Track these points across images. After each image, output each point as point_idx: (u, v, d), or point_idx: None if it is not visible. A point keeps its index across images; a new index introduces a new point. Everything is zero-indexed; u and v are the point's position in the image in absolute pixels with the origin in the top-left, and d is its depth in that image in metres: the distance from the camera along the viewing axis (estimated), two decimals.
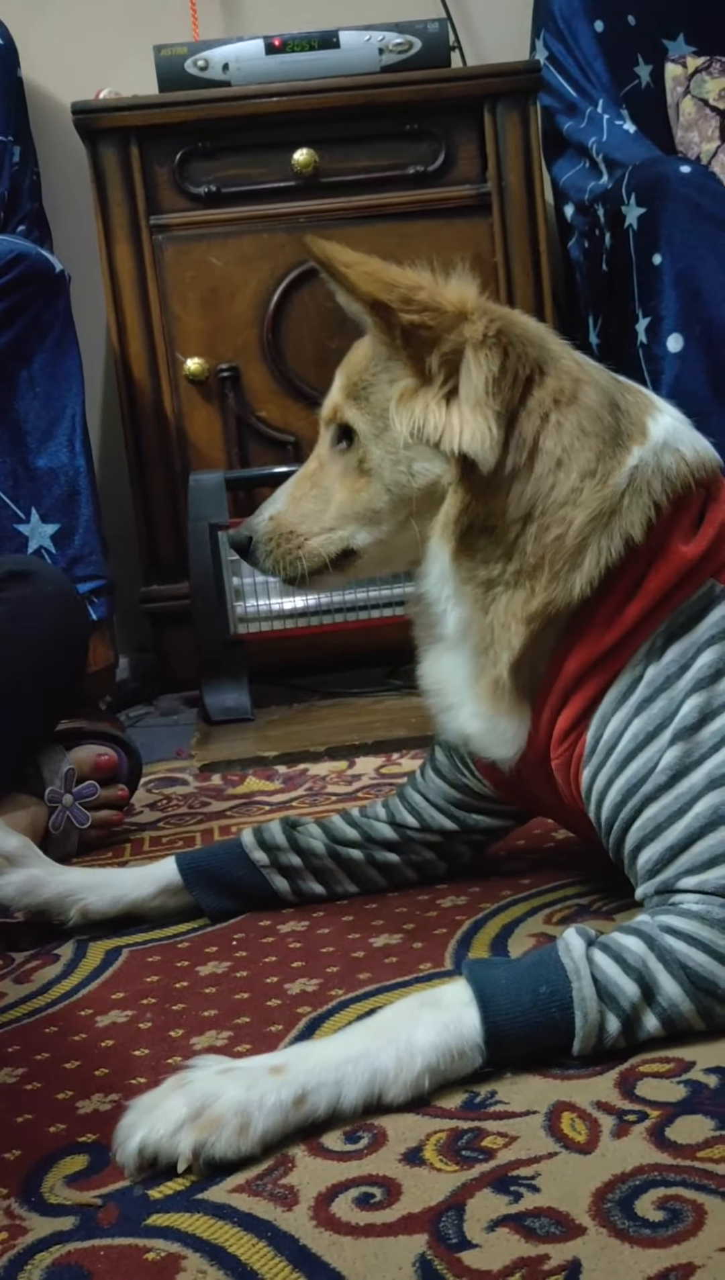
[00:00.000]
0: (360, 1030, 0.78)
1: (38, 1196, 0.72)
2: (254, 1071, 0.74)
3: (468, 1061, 0.77)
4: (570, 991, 0.77)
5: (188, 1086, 0.73)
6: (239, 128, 2.08)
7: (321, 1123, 0.74)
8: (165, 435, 2.13)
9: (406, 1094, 0.75)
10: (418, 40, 2.12)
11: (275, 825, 1.11)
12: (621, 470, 0.89)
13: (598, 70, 2.35)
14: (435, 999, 0.78)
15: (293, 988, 0.95)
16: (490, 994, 0.78)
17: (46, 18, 2.41)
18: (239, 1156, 0.71)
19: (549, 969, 0.79)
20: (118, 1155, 0.72)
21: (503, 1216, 0.65)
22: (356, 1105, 0.74)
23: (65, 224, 2.32)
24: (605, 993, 0.78)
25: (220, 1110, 0.71)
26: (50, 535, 1.83)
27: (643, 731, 0.87)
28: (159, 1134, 0.71)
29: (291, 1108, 0.73)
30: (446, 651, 0.96)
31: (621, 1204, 0.65)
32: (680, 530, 0.90)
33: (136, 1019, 0.93)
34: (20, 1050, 0.90)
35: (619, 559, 0.88)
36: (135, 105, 2.07)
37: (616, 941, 0.81)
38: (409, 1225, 0.65)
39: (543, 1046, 0.78)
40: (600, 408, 0.90)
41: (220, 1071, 0.74)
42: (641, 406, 0.93)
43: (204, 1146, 0.70)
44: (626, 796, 0.87)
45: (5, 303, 1.75)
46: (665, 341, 2.01)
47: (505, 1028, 0.77)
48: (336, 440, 0.97)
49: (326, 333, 2.12)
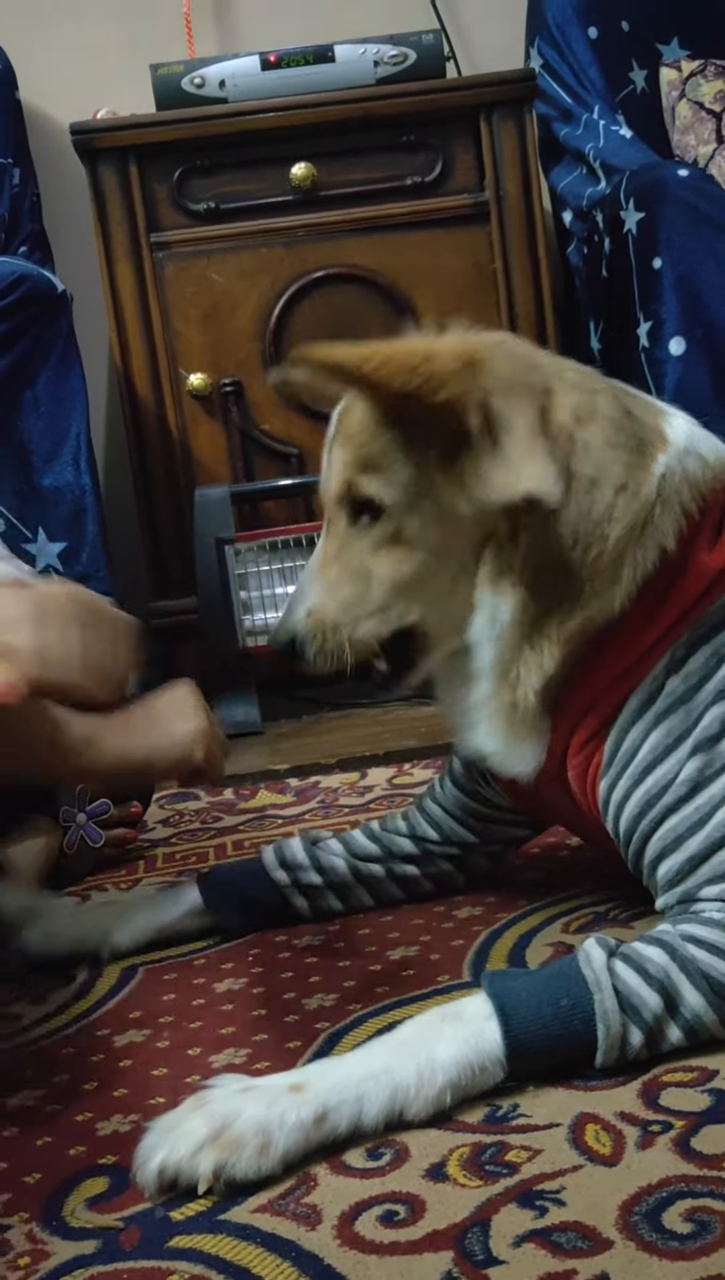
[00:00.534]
0: (380, 1046, 0.77)
1: (59, 1220, 0.71)
2: (274, 1090, 0.74)
3: (489, 1076, 0.76)
4: (592, 1004, 0.77)
5: (207, 1106, 0.72)
6: (237, 144, 2.09)
7: (342, 1141, 0.73)
8: (169, 451, 2.13)
9: (428, 1110, 0.74)
10: (412, 52, 2.12)
11: (296, 843, 1.11)
12: (651, 480, 0.87)
13: (592, 76, 2.36)
14: (455, 1012, 0.78)
15: (310, 1003, 0.94)
16: (511, 1007, 0.77)
17: (43, 40, 2.42)
18: (260, 1177, 0.70)
19: (570, 980, 0.78)
20: (138, 1176, 0.71)
21: (529, 1232, 0.64)
22: (378, 1123, 0.74)
23: (66, 244, 2.33)
24: (628, 1004, 0.77)
25: (241, 1130, 0.71)
26: (57, 554, 1.84)
27: (661, 744, 0.87)
28: (179, 1155, 0.70)
29: (312, 1126, 0.72)
30: (467, 673, 0.94)
31: (648, 1216, 0.64)
32: (703, 539, 0.89)
33: (154, 1038, 0.93)
34: (39, 1072, 0.90)
35: (653, 570, 0.87)
36: (133, 124, 2.08)
37: (638, 952, 0.80)
38: (434, 1243, 0.64)
39: (564, 1059, 0.77)
40: (619, 416, 0.89)
41: (240, 1090, 0.74)
42: (651, 411, 0.92)
43: (225, 1167, 0.70)
44: (645, 808, 0.87)
45: (8, 324, 1.75)
46: (667, 345, 2.01)
47: (527, 1041, 0.76)
48: (355, 516, 0.91)
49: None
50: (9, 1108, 0.85)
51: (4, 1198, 0.74)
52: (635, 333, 2.07)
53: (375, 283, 2.12)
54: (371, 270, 2.12)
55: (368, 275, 2.12)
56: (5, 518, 1.81)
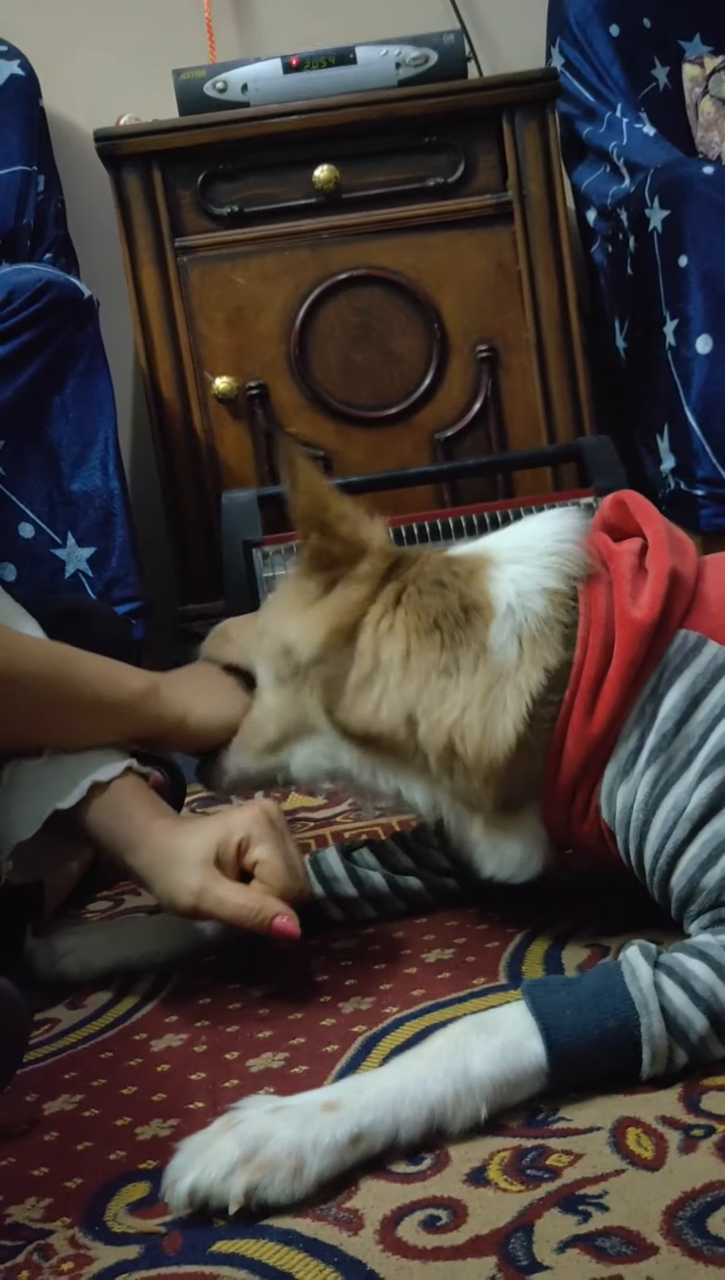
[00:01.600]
0: (415, 1060, 0.75)
1: (101, 1225, 0.71)
2: (306, 1109, 0.72)
3: (526, 1091, 0.75)
4: (638, 1026, 0.75)
5: (239, 1127, 0.71)
6: (259, 147, 2.09)
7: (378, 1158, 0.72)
8: (196, 454, 2.14)
9: (465, 1126, 0.73)
10: (434, 53, 2.12)
11: (332, 855, 1.10)
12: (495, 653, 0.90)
13: (615, 74, 2.35)
14: (493, 1025, 0.76)
15: (346, 1006, 0.94)
16: (555, 1026, 0.75)
17: (65, 48, 2.43)
18: (293, 1200, 0.69)
19: (616, 998, 0.76)
20: (167, 1197, 0.70)
21: (572, 1237, 0.64)
22: (414, 1141, 0.72)
23: (91, 250, 2.34)
24: (674, 1025, 0.76)
25: (273, 1151, 0.69)
26: (86, 559, 1.84)
27: (650, 797, 0.87)
28: (211, 1177, 0.69)
29: (347, 1147, 0.71)
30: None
31: (693, 1222, 0.64)
32: (622, 597, 0.89)
33: (191, 1042, 0.93)
34: (77, 1077, 0.90)
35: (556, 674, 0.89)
36: (156, 130, 2.09)
37: (683, 966, 0.78)
38: (477, 1248, 0.64)
39: (605, 1075, 0.76)
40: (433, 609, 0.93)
41: (271, 1110, 0.72)
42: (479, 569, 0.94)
43: (257, 1190, 0.68)
44: (656, 857, 0.87)
45: (36, 330, 1.76)
46: (694, 343, 2.00)
47: (570, 1060, 0.75)
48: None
49: (352, 346, 2.13)
50: (48, 1112, 0.86)
51: (46, 1203, 0.75)
52: (661, 331, 2.06)
53: (399, 284, 2.12)
54: (395, 271, 2.12)
55: (392, 277, 2.12)
56: (35, 523, 1.82)
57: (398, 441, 2.15)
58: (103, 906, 1.26)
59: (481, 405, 2.15)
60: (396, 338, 2.14)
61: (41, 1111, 0.86)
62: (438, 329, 2.13)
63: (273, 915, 0.91)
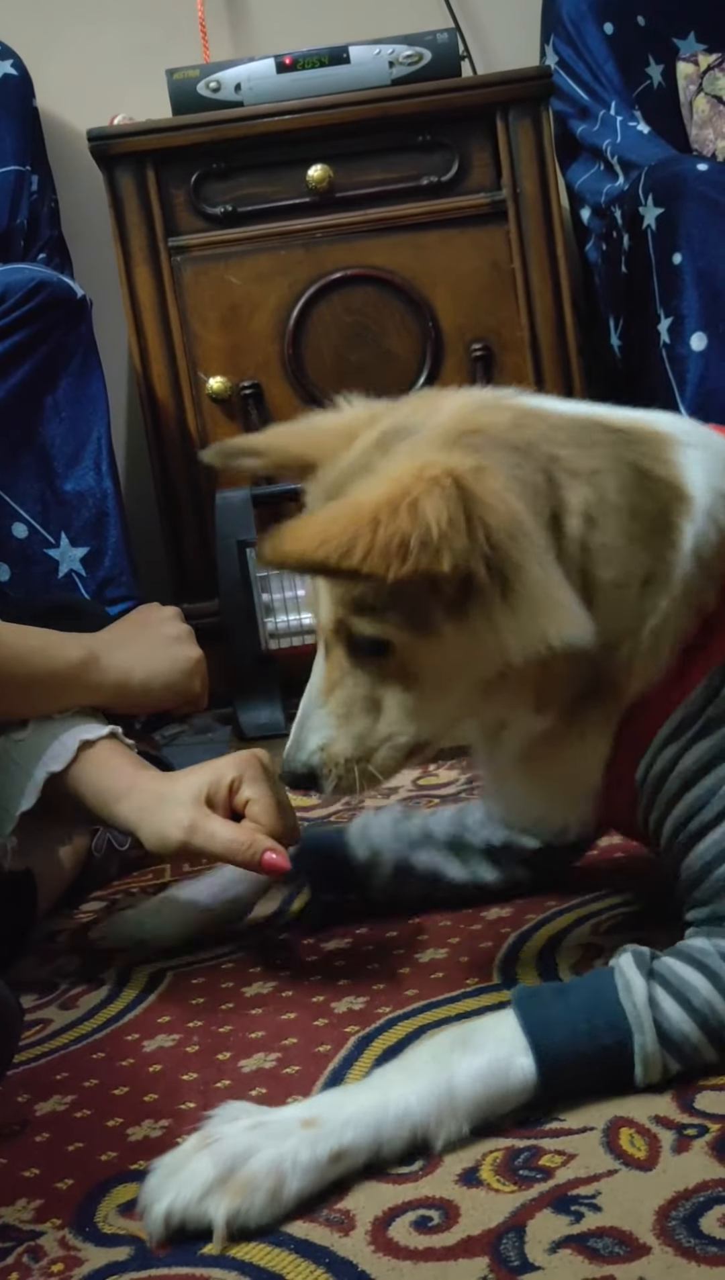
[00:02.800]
0: (397, 1075, 0.74)
1: (92, 1226, 0.71)
2: (285, 1125, 0.70)
3: (513, 1105, 0.74)
4: (632, 1042, 0.74)
5: (215, 1145, 0.69)
6: (253, 147, 2.09)
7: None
8: (190, 454, 2.13)
9: (448, 1142, 0.72)
10: (427, 51, 2.11)
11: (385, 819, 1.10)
12: (681, 558, 0.81)
13: (609, 72, 2.35)
14: (480, 1039, 0.75)
15: (339, 1006, 0.94)
16: (546, 1042, 0.74)
17: (59, 47, 2.43)
18: (274, 1221, 0.67)
19: (609, 1013, 0.74)
20: (143, 1221, 0.68)
21: (564, 1237, 0.64)
22: (397, 1156, 0.71)
23: (85, 249, 2.33)
24: (668, 1040, 0.75)
25: (252, 1171, 0.67)
26: (80, 558, 1.84)
27: (691, 769, 0.83)
28: (186, 1199, 0.67)
29: (328, 1165, 0.69)
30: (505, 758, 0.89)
31: (686, 1222, 0.63)
32: None
33: (184, 1042, 0.93)
34: (69, 1077, 0.90)
35: (696, 631, 0.82)
36: (150, 130, 2.08)
37: (679, 977, 0.76)
38: (469, 1248, 0.64)
39: (596, 1087, 0.75)
40: (632, 494, 0.80)
41: (248, 1127, 0.70)
42: (662, 458, 0.83)
43: (237, 1214, 0.66)
44: (677, 831, 0.84)
45: (29, 330, 1.76)
46: (689, 341, 2.00)
47: (560, 1075, 0.74)
48: (355, 648, 0.84)
49: (346, 345, 2.12)
50: (40, 1113, 0.85)
51: (36, 1204, 0.74)
52: (656, 329, 2.06)
53: (393, 283, 2.12)
54: (389, 270, 2.12)
55: (386, 276, 2.12)
56: (28, 523, 1.81)
57: None
58: (96, 907, 1.25)
59: None
60: (391, 337, 2.14)
61: (33, 1112, 0.86)
62: (432, 328, 2.13)
63: (263, 850, 0.93)
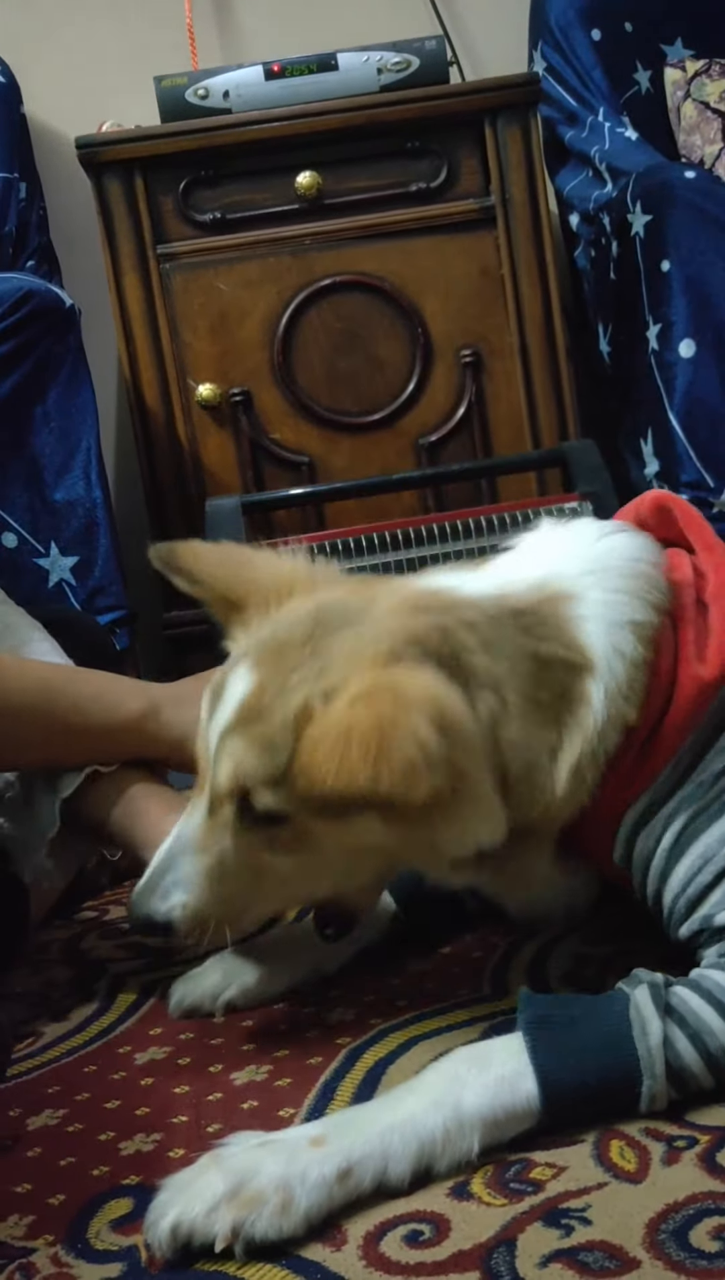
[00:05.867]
0: (406, 1094, 0.74)
1: (84, 1242, 0.71)
2: (293, 1144, 0.71)
3: (517, 1129, 0.74)
4: (641, 1087, 0.74)
5: (224, 1162, 0.69)
6: (241, 154, 2.09)
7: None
8: (180, 462, 2.13)
9: (456, 1164, 0.72)
10: (416, 58, 2.12)
11: None
12: (589, 714, 0.82)
13: (597, 79, 2.35)
14: (484, 1062, 0.74)
15: (331, 1018, 0.94)
16: (554, 1076, 0.73)
17: (47, 54, 2.43)
18: (281, 1237, 0.67)
19: (621, 1054, 0.74)
20: (149, 1236, 0.68)
21: (555, 1251, 0.64)
22: (404, 1179, 0.71)
23: (73, 257, 2.33)
24: (677, 1078, 0.74)
25: (260, 1186, 0.68)
26: (70, 568, 1.84)
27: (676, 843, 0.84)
28: (194, 1213, 0.67)
29: (336, 1183, 0.69)
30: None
31: (675, 1235, 0.64)
32: (687, 646, 0.85)
33: (175, 1055, 0.93)
34: (60, 1091, 0.90)
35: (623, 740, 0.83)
36: (138, 137, 2.08)
37: (697, 1018, 0.75)
38: (460, 1263, 0.64)
39: (599, 1117, 0.75)
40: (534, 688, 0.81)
41: (257, 1145, 0.71)
42: (558, 628, 0.83)
43: (243, 1226, 0.67)
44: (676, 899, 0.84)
45: (17, 340, 1.76)
46: (677, 348, 2.00)
47: (567, 1105, 0.74)
48: (247, 815, 0.81)
49: (335, 352, 2.13)
50: (32, 1128, 0.85)
51: (28, 1220, 0.74)
52: (645, 336, 2.06)
53: (382, 289, 2.12)
54: (378, 277, 2.12)
55: (375, 282, 2.12)
56: (18, 533, 1.81)
57: (382, 447, 2.15)
58: (89, 916, 1.25)
59: (465, 410, 2.15)
60: (380, 343, 2.14)
61: (25, 1127, 0.86)
62: (421, 334, 2.13)
63: None
